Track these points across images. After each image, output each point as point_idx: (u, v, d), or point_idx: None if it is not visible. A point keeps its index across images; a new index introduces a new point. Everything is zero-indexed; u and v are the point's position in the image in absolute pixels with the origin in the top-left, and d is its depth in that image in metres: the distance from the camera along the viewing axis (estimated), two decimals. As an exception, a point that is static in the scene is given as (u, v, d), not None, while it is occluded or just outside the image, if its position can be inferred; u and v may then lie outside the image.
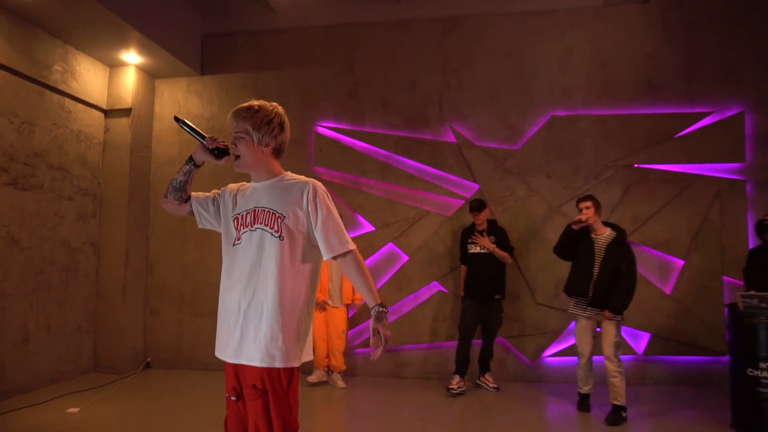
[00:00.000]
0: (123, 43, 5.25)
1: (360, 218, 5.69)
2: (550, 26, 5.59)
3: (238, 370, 1.88)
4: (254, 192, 2.00)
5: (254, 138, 1.93)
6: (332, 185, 5.73)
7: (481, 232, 4.95)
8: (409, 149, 5.66)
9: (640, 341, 5.19)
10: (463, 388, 4.81)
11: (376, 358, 1.82)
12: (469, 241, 4.97)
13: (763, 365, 3.63)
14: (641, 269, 5.20)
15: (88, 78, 5.50)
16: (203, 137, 1.95)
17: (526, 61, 5.60)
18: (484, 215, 4.94)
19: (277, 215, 1.89)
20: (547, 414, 4.36)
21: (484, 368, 5.06)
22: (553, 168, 5.43)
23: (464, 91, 5.65)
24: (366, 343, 5.54)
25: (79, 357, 5.44)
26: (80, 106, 5.46)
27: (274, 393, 1.81)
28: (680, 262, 5.18)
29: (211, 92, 6.09)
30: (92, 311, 5.63)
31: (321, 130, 5.83)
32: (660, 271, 5.21)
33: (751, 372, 3.68)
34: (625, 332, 5.18)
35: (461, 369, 4.84)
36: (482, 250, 4.91)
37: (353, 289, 5.06)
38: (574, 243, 4.27)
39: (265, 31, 6.02)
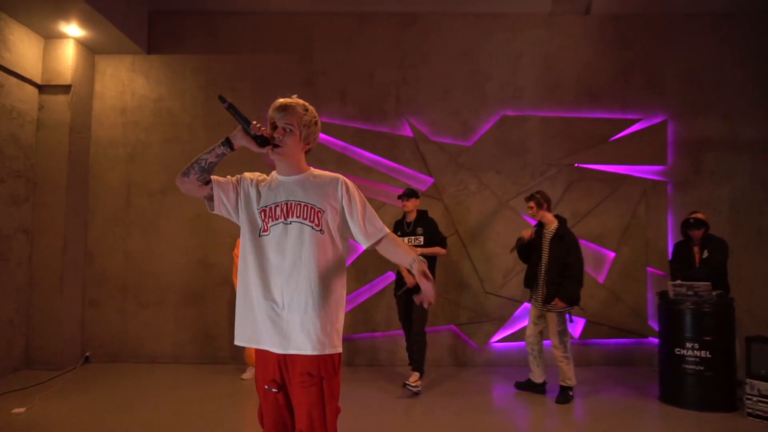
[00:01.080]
0: (62, 13, 4.87)
1: (317, 208, 5.71)
2: (502, 29, 5.88)
3: (286, 360, 1.92)
4: (281, 185, 2.02)
5: (301, 134, 1.98)
6: (289, 174, 5.70)
7: (409, 224, 4.83)
8: (366, 141, 5.75)
9: (576, 326, 5.69)
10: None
11: (431, 298, 1.90)
12: (399, 233, 4.82)
13: (688, 345, 4.17)
14: (579, 260, 5.69)
15: (22, 49, 5.05)
16: (248, 122, 1.90)
17: (479, 60, 5.86)
18: (412, 204, 4.80)
19: (317, 209, 1.95)
20: (494, 396, 4.70)
21: (412, 365, 4.76)
22: (503, 164, 5.76)
23: (420, 86, 5.81)
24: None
25: (10, 353, 5.05)
26: (13, 79, 5.00)
27: (327, 378, 1.90)
28: (612, 254, 5.73)
29: (158, 73, 5.80)
30: (25, 303, 5.23)
31: (277, 118, 5.75)
32: (595, 262, 5.73)
33: (678, 351, 4.21)
34: (564, 318, 5.65)
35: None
36: (410, 243, 4.69)
37: None
38: (528, 248, 4.64)
39: (220, 13, 5.82)
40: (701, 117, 5.84)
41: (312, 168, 2.11)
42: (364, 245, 2.04)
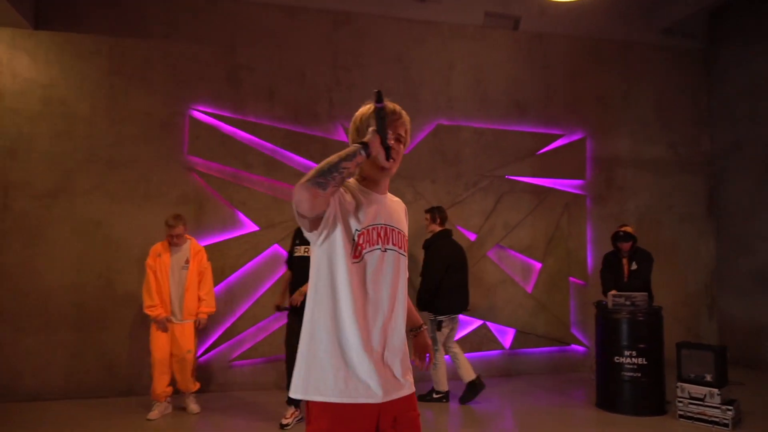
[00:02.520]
0: None
1: (241, 216, 5.16)
2: (435, 37, 5.81)
3: (381, 409, 1.58)
4: (374, 204, 1.68)
5: (406, 145, 1.74)
6: (210, 178, 5.09)
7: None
8: (298, 145, 5.33)
9: (506, 336, 5.73)
10: (299, 416, 4.14)
11: None
12: (297, 242, 4.24)
13: (626, 353, 4.32)
14: (509, 271, 5.76)
15: None
16: (386, 132, 1.59)
17: (413, 67, 5.73)
18: None
19: (404, 235, 1.76)
20: (446, 412, 4.53)
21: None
22: (438, 174, 5.66)
23: (354, 90, 5.53)
24: (244, 356, 5.05)
25: None
26: None
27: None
28: (538, 265, 5.87)
29: (48, 52, 4.87)
30: None
31: (197, 114, 5.12)
32: (523, 272, 5.83)
33: (617, 359, 4.35)
34: (494, 329, 5.68)
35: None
36: (306, 254, 4.10)
37: (199, 299, 4.30)
38: None
39: (129, -10, 5.06)
40: (611, 136, 6.25)
41: None
42: None
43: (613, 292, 4.60)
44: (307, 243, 4.26)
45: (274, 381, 5.13)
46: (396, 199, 1.83)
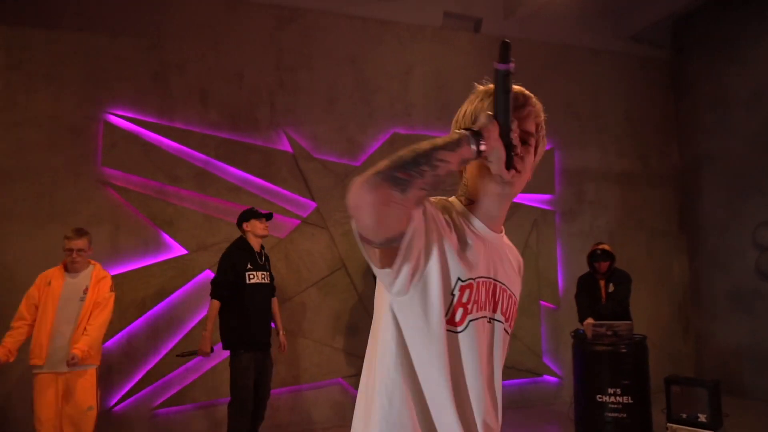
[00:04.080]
0: None
1: (167, 238, 4.42)
2: (391, 38, 5.29)
3: None
4: (483, 246, 1.10)
5: (539, 150, 1.12)
6: (129, 194, 4.34)
7: (260, 255, 3.78)
8: (234, 155, 4.66)
9: (473, 368, 5.16)
10: None
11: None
12: (249, 267, 3.66)
13: (610, 390, 3.81)
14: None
15: None
16: (509, 119, 1.00)
17: (367, 70, 5.17)
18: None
19: (515, 302, 1.16)
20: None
21: None
22: (395, 188, 5.08)
23: (301, 93, 4.92)
24: (170, 402, 4.28)
25: None
26: None
27: None
28: (506, 288, 5.35)
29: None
30: None
31: (114, 119, 4.38)
32: (490, 296, 5.30)
33: (600, 398, 3.83)
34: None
35: None
36: (264, 280, 3.70)
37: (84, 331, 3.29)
38: None
39: (33, -28, 4.31)
40: (581, 148, 5.85)
41: None
42: None
43: (590, 320, 4.10)
44: (264, 269, 3.62)
45: (207, 430, 4.38)
46: (510, 243, 1.21)
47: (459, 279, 1.04)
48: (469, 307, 1.05)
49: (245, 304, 3.60)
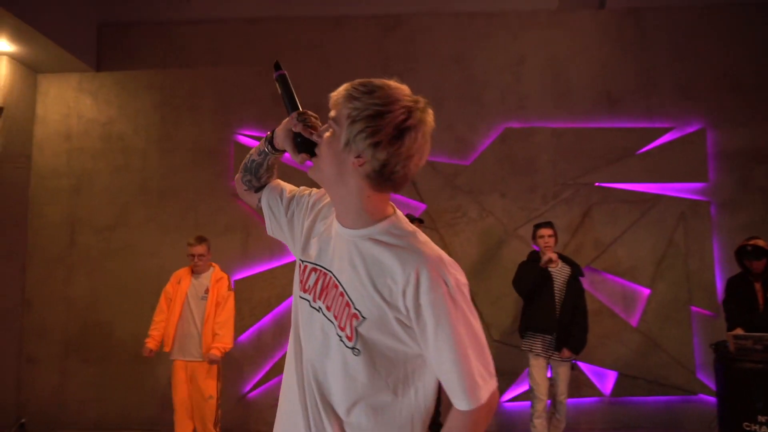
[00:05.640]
0: (-11, 25, 4.21)
1: (288, 243, 4.85)
2: (500, 30, 5.05)
3: None
4: (335, 238, 1.16)
5: (344, 134, 1.06)
6: (255, 204, 4.87)
7: None
8: (346, 163, 4.90)
9: (606, 381, 4.63)
10: None
11: None
12: None
13: (762, 419, 3.11)
14: (605, 299, 4.70)
15: (-57, 69, 4.39)
16: (294, 107, 1.24)
17: (475, 66, 5.02)
18: None
19: (352, 311, 1.07)
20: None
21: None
22: (508, 186, 4.84)
23: (408, 98, 4.97)
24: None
25: None
26: (-71, 102, 4.32)
27: None
28: (646, 291, 4.70)
29: (108, 92, 5.08)
30: (-57, 362, 4.43)
31: (242, 139, 4.97)
32: (624, 301, 4.71)
33: (747, 427, 3.15)
34: (590, 371, 4.62)
35: None
36: None
37: (213, 334, 3.75)
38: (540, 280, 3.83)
39: (175, 22, 5.11)
40: (743, 125, 4.86)
41: (397, 216, 1.14)
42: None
43: (739, 331, 3.39)
44: None
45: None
46: (396, 242, 1.07)
47: (302, 261, 1.23)
48: (306, 282, 1.19)
49: None
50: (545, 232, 3.85)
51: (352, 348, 1.06)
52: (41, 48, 4.62)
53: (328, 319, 1.11)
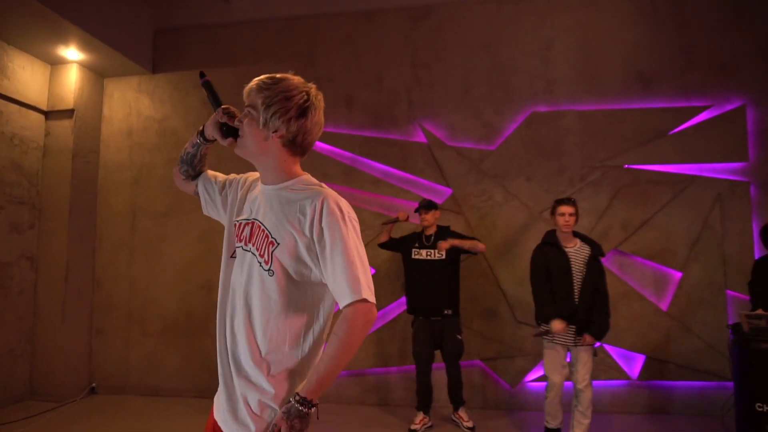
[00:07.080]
0: (61, 38, 4.80)
1: (322, 227, 5.16)
2: (529, 14, 5.07)
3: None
4: (259, 196, 1.57)
5: (261, 117, 1.46)
6: (291, 191, 5.22)
7: (429, 237, 4.32)
8: (376, 151, 5.14)
9: (633, 364, 4.60)
10: (429, 424, 4.22)
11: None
12: (416, 245, 4.33)
13: (772, 399, 3.05)
14: (633, 282, 4.65)
15: (24, 76, 5.03)
16: (218, 104, 1.59)
17: (503, 52, 5.08)
18: (432, 217, 4.30)
19: (270, 239, 1.43)
20: (523, 451, 3.79)
21: (456, 402, 4.28)
22: (533, 169, 4.88)
23: (435, 86, 5.13)
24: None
25: (11, 383, 4.92)
26: (13, 106, 4.98)
27: None
28: (677, 275, 4.60)
29: (163, 92, 5.61)
30: (28, 332, 5.11)
31: (280, 131, 5.33)
32: (655, 284, 4.63)
33: (760, 407, 3.10)
34: (617, 354, 4.61)
35: (423, 404, 4.24)
36: (429, 257, 4.25)
37: None
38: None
39: (219, 25, 5.54)
40: (792, 99, 4.62)
41: (305, 176, 1.56)
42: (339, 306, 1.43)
43: (760, 311, 3.31)
44: (428, 247, 4.31)
45: (357, 396, 4.95)
46: (303, 190, 1.47)
47: (235, 221, 1.58)
48: (240, 236, 1.52)
49: (412, 277, 4.32)
50: (566, 209, 3.67)
51: (268, 270, 1.38)
52: (106, 55, 5.18)
53: (253, 253, 1.44)
